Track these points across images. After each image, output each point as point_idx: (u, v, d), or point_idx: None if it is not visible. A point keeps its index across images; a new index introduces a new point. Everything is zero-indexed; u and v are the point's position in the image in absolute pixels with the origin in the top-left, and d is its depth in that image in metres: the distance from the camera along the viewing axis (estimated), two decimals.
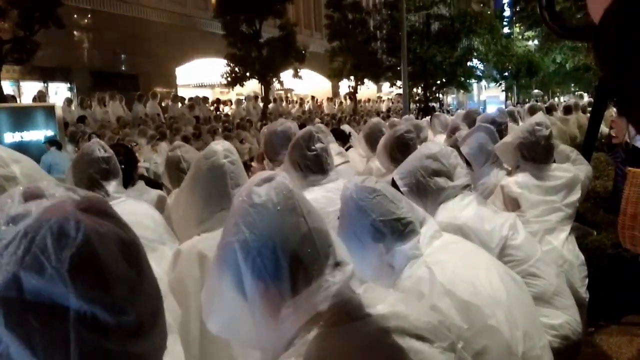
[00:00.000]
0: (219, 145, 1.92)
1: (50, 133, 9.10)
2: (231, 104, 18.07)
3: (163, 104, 15.35)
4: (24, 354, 0.60)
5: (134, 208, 2.21)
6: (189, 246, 1.81)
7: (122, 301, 0.65)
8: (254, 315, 0.98)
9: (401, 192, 1.88)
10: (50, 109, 9.60)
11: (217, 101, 17.78)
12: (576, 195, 2.70)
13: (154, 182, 3.82)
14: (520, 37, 28.75)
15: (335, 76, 22.61)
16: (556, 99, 30.61)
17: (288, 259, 0.97)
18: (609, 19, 0.53)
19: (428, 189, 2.05)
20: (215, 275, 1.02)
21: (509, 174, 2.85)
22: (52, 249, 0.60)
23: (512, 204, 2.65)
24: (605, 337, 3.06)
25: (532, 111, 8.98)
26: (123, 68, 17.80)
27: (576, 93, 33.43)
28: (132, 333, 0.66)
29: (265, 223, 0.98)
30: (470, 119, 4.64)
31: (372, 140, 3.91)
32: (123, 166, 2.38)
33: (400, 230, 1.51)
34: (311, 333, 0.95)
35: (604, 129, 7.14)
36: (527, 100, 28.41)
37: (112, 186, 2.21)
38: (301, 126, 3.46)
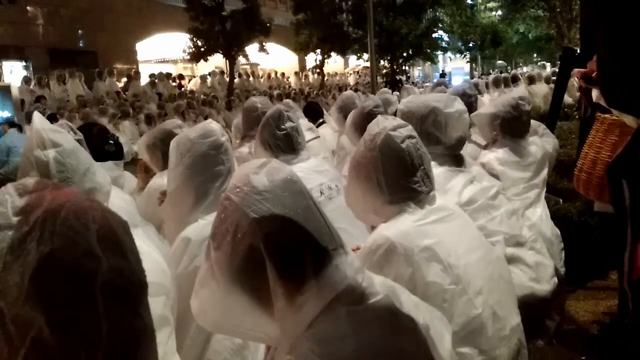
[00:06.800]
0: (214, 124, 1.89)
1: (7, 114, 8.75)
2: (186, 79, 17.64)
3: (123, 81, 14.91)
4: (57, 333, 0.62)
5: None
6: (198, 232, 1.72)
7: (137, 268, 0.72)
8: (263, 306, 0.94)
9: None
10: (6, 89, 9.22)
11: (180, 77, 17.37)
12: (546, 170, 2.76)
13: None
14: (483, 7, 28.90)
15: (301, 49, 22.31)
16: (519, 69, 31.06)
17: (308, 242, 0.94)
18: None
19: None
20: (224, 276, 0.94)
21: (485, 147, 2.85)
22: (78, 227, 0.66)
23: None
24: (573, 302, 3.16)
25: (497, 83, 9.07)
26: (81, 44, 17.19)
27: (539, 63, 33.97)
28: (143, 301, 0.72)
29: (280, 209, 0.93)
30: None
31: (345, 113, 3.81)
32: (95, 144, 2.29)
33: (407, 191, 1.53)
34: (338, 311, 0.93)
35: (567, 98, 7.29)
36: (491, 71, 28.74)
37: None
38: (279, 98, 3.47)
